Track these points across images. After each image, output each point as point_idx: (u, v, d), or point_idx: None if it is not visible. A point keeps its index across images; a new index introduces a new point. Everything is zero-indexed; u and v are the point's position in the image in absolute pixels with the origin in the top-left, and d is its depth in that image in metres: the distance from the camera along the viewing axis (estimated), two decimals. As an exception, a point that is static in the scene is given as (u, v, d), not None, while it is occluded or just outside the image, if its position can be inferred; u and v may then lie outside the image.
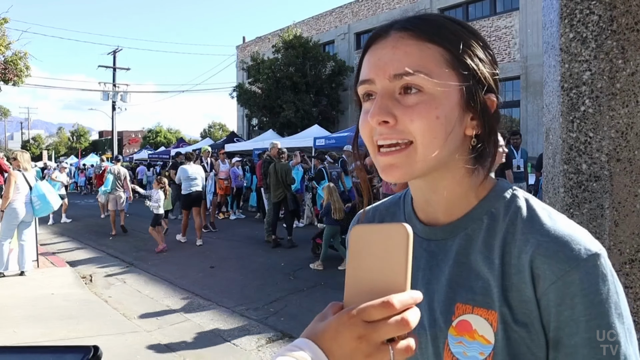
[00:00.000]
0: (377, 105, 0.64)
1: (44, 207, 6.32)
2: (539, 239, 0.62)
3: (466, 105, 0.65)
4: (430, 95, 0.63)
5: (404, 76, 0.63)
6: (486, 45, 0.69)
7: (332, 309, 0.55)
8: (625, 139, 1.39)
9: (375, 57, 0.67)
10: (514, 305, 0.62)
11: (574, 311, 0.59)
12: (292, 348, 0.51)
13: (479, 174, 0.69)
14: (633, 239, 1.39)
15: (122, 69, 31.65)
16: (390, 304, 0.49)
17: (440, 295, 0.68)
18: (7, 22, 12.84)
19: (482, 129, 0.67)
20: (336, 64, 21.42)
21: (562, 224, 0.64)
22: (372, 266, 0.53)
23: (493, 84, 0.68)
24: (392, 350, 0.50)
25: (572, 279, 0.59)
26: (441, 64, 0.64)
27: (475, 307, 0.65)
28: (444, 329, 0.66)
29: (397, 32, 0.66)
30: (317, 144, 12.76)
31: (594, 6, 1.41)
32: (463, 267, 0.68)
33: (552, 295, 0.60)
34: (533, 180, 9.05)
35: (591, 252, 0.60)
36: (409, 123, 0.63)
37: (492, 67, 0.69)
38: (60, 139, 65.03)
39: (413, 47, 0.64)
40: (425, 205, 0.74)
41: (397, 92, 0.65)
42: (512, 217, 0.67)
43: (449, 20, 0.68)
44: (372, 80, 0.66)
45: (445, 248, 0.71)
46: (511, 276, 0.63)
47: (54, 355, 0.51)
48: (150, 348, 4.06)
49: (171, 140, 44.99)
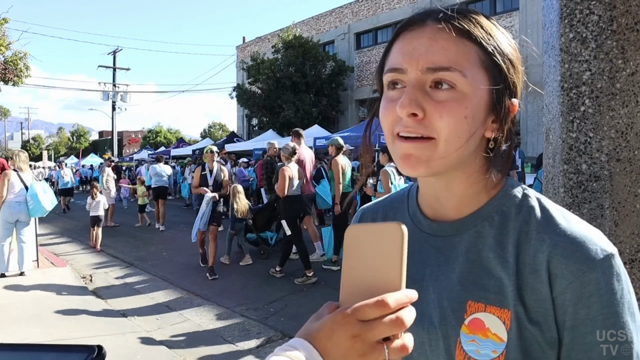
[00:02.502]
0: (408, 97, 0.63)
1: (36, 207, 6.31)
2: (555, 239, 0.63)
3: (492, 108, 0.65)
4: (461, 93, 0.63)
5: (438, 71, 0.62)
6: (517, 50, 0.69)
7: (328, 308, 0.55)
8: (625, 139, 1.39)
9: (409, 46, 0.65)
10: (528, 304, 0.63)
11: (590, 310, 0.60)
12: (286, 348, 0.51)
13: (493, 176, 0.69)
14: (633, 239, 1.39)
15: (122, 69, 31.67)
16: (384, 303, 0.49)
17: (451, 293, 0.68)
18: (7, 22, 12.84)
19: (501, 133, 0.67)
20: (336, 64, 21.42)
21: (577, 224, 0.64)
22: (367, 265, 0.53)
23: (517, 89, 0.68)
24: (387, 349, 0.50)
25: (589, 278, 0.60)
26: (476, 63, 0.64)
27: (488, 305, 0.65)
28: (456, 326, 0.66)
29: (435, 23, 0.65)
30: (317, 144, 12.75)
31: (593, 6, 1.41)
32: (474, 265, 0.68)
33: (569, 295, 0.61)
34: (531, 180, 9.05)
35: (607, 252, 0.61)
36: (437, 119, 0.62)
37: (520, 72, 0.68)
38: (60, 139, 65.02)
39: (450, 42, 0.63)
40: (434, 201, 0.74)
41: (428, 85, 0.63)
42: (525, 216, 0.67)
43: (486, 19, 0.67)
44: (404, 70, 0.65)
45: (453, 244, 0.70)
46: (526, 275, 0.63)
47: (58, 354, 0.50)
48: (150, 348, 4.06)
49: (171, 140, 44.97)
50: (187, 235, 9.10)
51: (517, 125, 7.88)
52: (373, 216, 0.85)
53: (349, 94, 22.01)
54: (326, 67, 21.27)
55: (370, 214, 0.87)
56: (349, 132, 13.25)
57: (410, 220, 0.77)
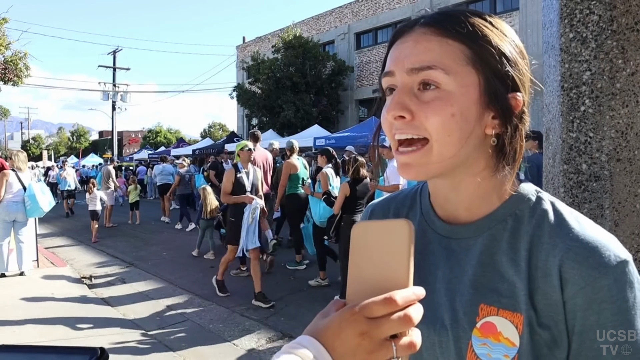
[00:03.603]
0: (395, 100, 0.64)
1: (33, 208, 6.31)
2: (568, 244, 0.62)
3: (487, 103, 0.64)
4: (447, 92, 0.63)
5: (420, 71, 0.63)
6: (516, 44, 0.67)
7: (335, 305, 0.55)
8: (625, 139, 1.39)
9: (397, 50, 0.67)
10: (539, 308, 0.62)
11: (600, 317, 0.60)
12: (294, 345, 0.51)
13: (501, 175, 0.68)
14: (633, 239, 1.39)
15: (122, 69, 31.65)
16: (392, 300, 0.49)
17: (463, 296, 0.68)
18: (7, 22, 12.85)
19: (504, 129, 0.65)
20: (336, 64, 21.40)
21: (590, 229, 0.64)
22: (374, 263, 0.53)
23: (520, 83, 0.66)
24: (395, 346, 0.50)
25: (601, 285, 0.60)
26: (461, 60, 0.63)
27: (501, 310, 0.64)
28: (468, 329, 0.66)
29: (421, 27, 0.66)
30: (317, 144, 12.75)
31: (594, 6, 1.41)
32: (487, 268, 0.67)
33: (579, 300, 0.60)
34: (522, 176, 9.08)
35: (620, 258, 0.61)
36: (424, 119, 0.63)
37: (520, 66, 0.67)
38: (60, 139, 65.01)
39: (433, 43, 0.64)
40: (444, 202, 0.73)
41: (416, 88, 0.64)
42: (538, 220, 0.66)
43: (476, 17, 0.67)
44: (393, 73, 0.66)
45: (467, 247, 0.70)
46: (537, 279, 0.63)
47: (59, 356, 0.50)
48: (150, 348, 4.06)
49: (171, 140, 44.95)
50: (187, 235, 9.11)
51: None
52: (384, 213, 0.85)
53: (349, 94, 22.00)
54: (326, 67, 21.26)
55: (380, 210, 0.86)
56: (349, 132, 13.25)
57: (422, 219, 0.77)
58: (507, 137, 0.66)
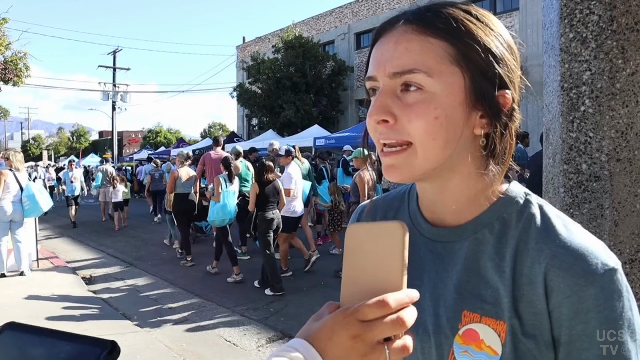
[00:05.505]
0: (376, 104, 0.62)
1: (32, 208, 6.30)
2: (554, 250, 0.60)
3: (473, 103, 0.62)
4: (430, 93, 0.60)
5: (403, 74, 0.61)
6: (504, 39, 0.65)
7: (328, 308, 0.54)
8: (625, 139, 1.39)
9: (378, 52, 0.65)
10: (523, 316, 0.61)
11: (587, 326, 0.58)
12: (286, 349, 0.50)
13: (490, 176, 0.66)
14: (633, 239, 1.39)
15: (122, 69, 31.61)
16: (385, 303, 0.49)
17: (447, 301, 0.66)
18: (7, 22, 12.85)
19: (492, 128, 0.63)
20: (336, 64, 21.40)
21: (578, 235, 0.61)
22: (368, 265, 0.53)
23: (508, 80, 0.64)
24: (388, 349, 0.49)
25: (588, 294, 0.58)
26: (443, 59, 0.61)
27: (484, 317, 0.63)
28: (450, 336, 0.64)
29: (402, 25, 0.63)
30: (317, 144, 12.75)
31: (594, 6, 1.41)
32: (472, 274, 0.65)
33: (565, 309, 0.59)
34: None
35: (608, 266, 0.59)
36: (407, 123, 0.61)
37: (509, 62, 0.64)
38: (60, 139, 65.04)
39: (414, 43, 0.61)
40: (432, 205, 0.71)
41: (399, 90, 0.62)
42: (525, 225, 0.64)
43: (461, 11, 0.63)
44: (375, 77, 0.64)
45: (452, 251, 0.68)
46: (522, 286, 0.61)
47: (72, 344, 0.48)
48: (150, 348, 4.06)
49: (171, 140, 44.94)
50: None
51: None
52: (372, 214, 0.83)
53: (349, 94, 21.99)
54: (326, 67, 21.26)
55: (369, 212, 0.84)
56: (349, 132, 13.24)
57: (410, 222, 0.75)
58: (496, 136, 0.63)
